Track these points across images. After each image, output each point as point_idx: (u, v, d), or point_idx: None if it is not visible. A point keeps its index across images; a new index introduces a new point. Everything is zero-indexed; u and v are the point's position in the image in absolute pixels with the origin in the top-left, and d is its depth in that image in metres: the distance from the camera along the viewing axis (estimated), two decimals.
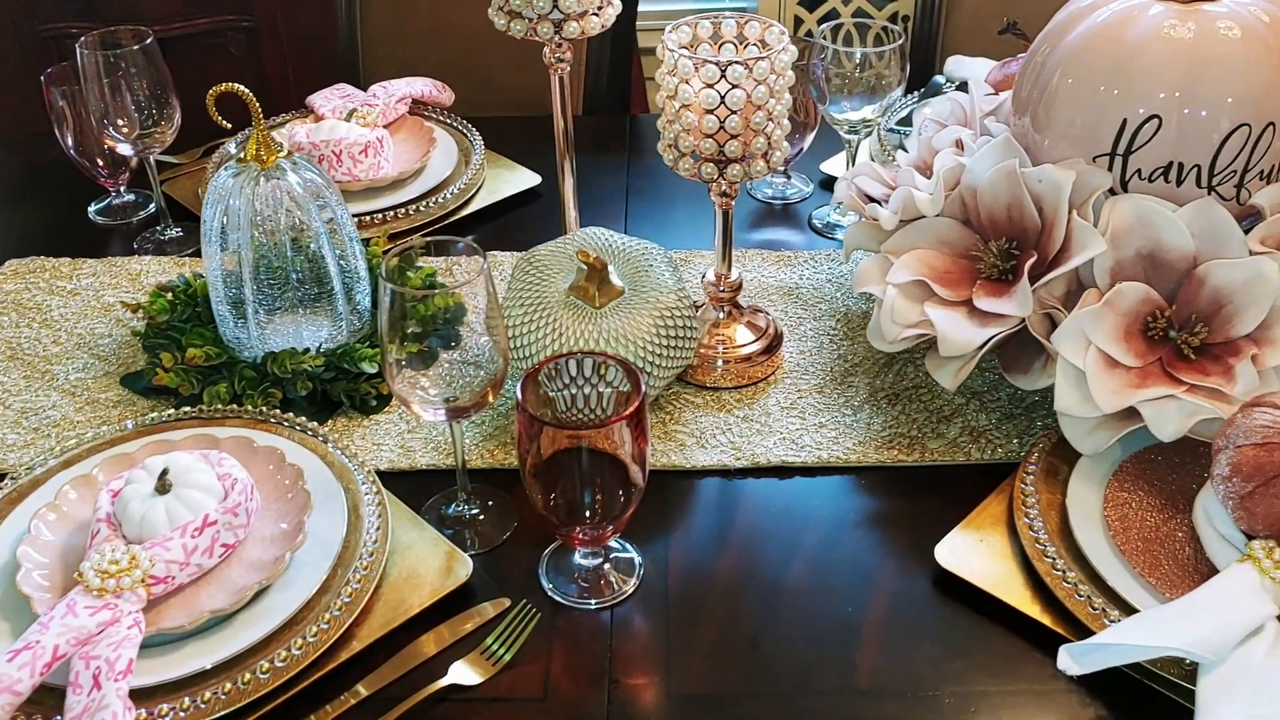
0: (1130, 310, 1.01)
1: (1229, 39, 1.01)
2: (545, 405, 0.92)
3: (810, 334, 1.24)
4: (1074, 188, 1.04)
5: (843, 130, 1.37)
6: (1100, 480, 1.00)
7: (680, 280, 1.12)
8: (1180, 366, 1.00)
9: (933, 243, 1.13)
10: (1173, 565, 0.92)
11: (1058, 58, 1.07)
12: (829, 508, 1.04)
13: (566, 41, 1.11)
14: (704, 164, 1.06)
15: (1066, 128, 1.06)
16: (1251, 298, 0.99)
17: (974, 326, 1.05)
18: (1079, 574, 0.91)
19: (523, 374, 0.89)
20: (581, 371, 0.91)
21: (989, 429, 1.10)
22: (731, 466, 1.08)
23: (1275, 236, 1.02)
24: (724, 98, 1.01)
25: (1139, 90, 1.01)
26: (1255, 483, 0.87)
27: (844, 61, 1.33)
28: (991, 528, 0.98)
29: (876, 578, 0.97)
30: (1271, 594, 0.85)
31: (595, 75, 1.78)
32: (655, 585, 0.97)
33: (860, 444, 1.09)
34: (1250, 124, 1.00)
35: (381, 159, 1.44)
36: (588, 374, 0.91)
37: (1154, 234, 1.02)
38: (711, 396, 1.16)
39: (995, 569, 0.95)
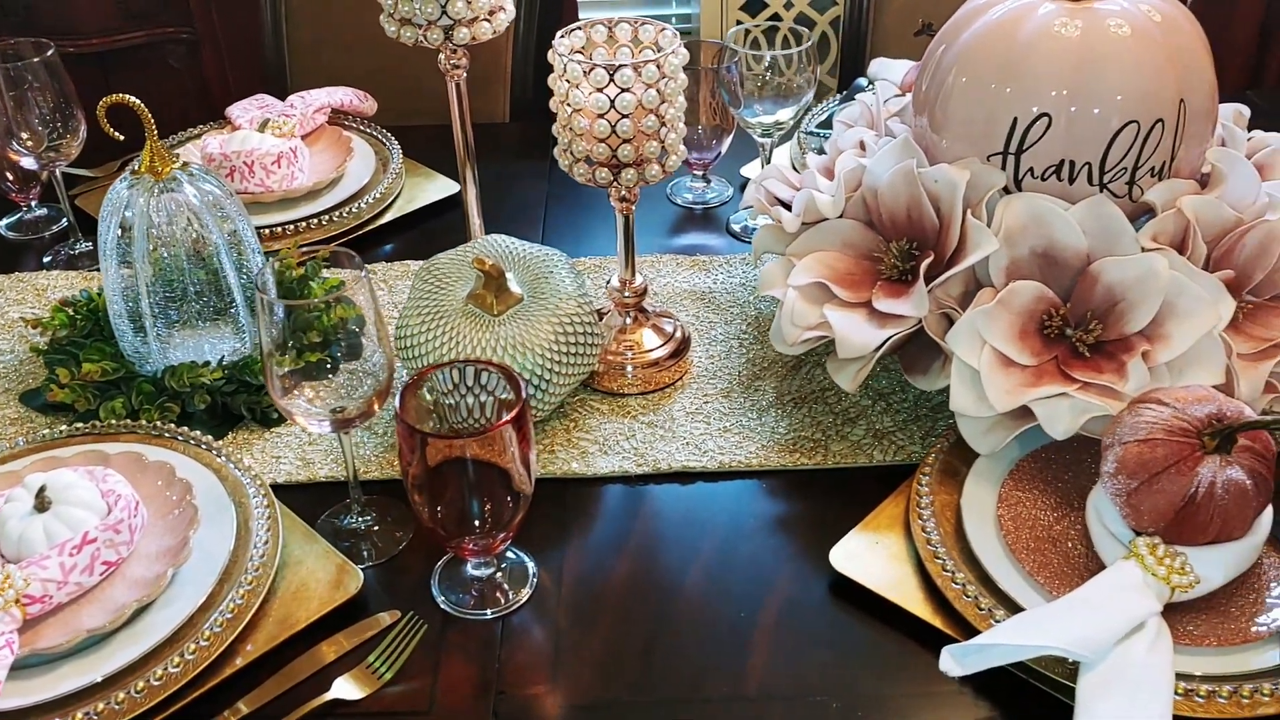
0: (1025, 309, 1.01)
1: (1118, 37, 1.01)
2: (427, 416, 0.91)
3: (721, 338, 1.23)
4: (968, 187, 1.04)
5: (756, 134, 1.37)
6: (997, 479, 1.00)
7: (583, 287, 1.11)
8: (1075, 364, 1.00)
9: (837, 245, 1.12)
10: (1063, 563, 0.92)
11: (952, 56, 1.07)
12: (729, 513, 1.03)
13: (461, 48, 1.11)
14: (598, 169, 1.05)
15: (961, 127, 1.06)
16: (1143, 294, 0.99)
17: (872, 328, 1.05)
18: (968, 574, 0.91)
19: (401, 386, 0.88)
20: (464, 380, 0.90)
21: (893, 430, 1.10)
22: (633, 473, 1.07)
23: (1167, 233, 1.02)
24: (614, 102, 1.00)
25: (1029, 88, 1.01)
26: (1139, 479, 0.87)
27: (754, 65, 1.32)
28: (888, 530, 0.98)
29: (772, 582, 0.96)
30: (1154, 590, 0.85)
31: (520, 82, 1.77)
32: (549, 594, 0.96)
33: (763, 448, 1.09)
34: (1139, 121, 1.00)
35: (296, 169, 1.43)
36: (469, 382, 0.90)
37: (1047, 232, 1.01)
38: (617, 403, 1.15)
39: (890, 571, 0.94)
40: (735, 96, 1.34)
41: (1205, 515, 0.85)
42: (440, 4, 1.05)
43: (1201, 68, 1.03)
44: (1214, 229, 1.02)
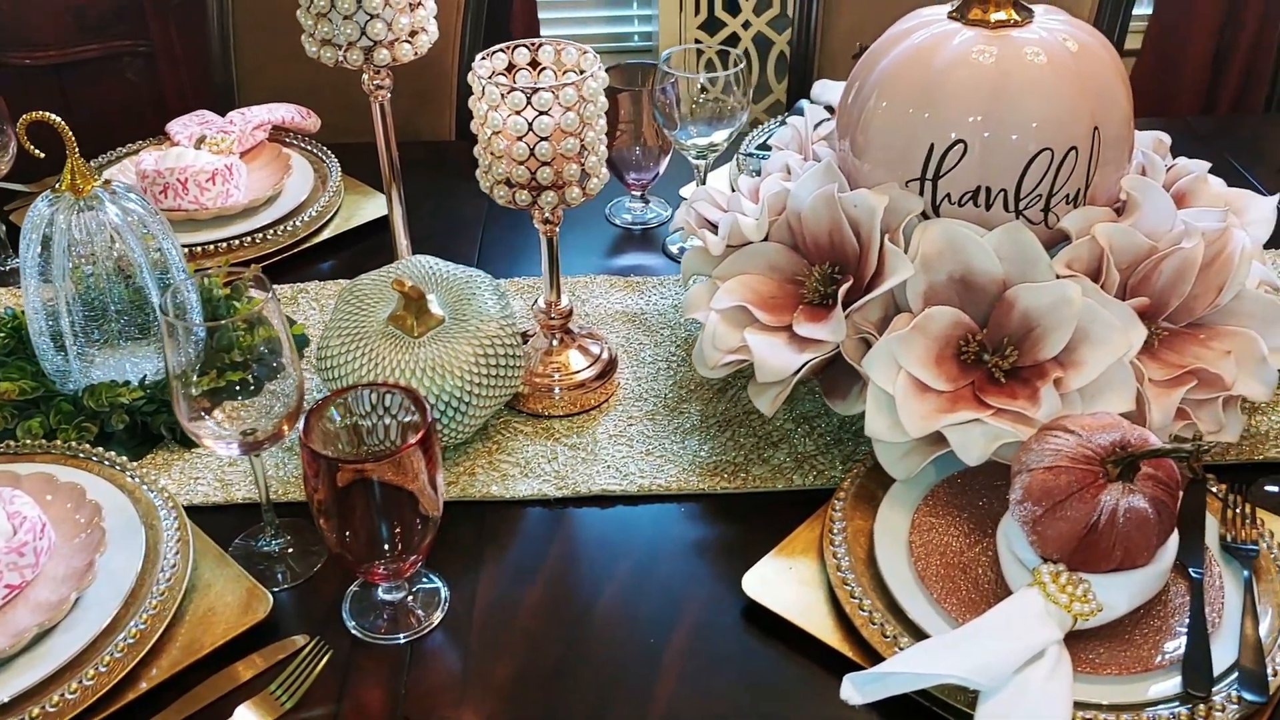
0: (942, 334, 1.02)
1: (1034, 65, 1.01)
2: (334, 439, 0.90)
3: (649, 360, 1.23)
4: (887, 212, 1.04)
5: (691, 156, 1.37)
6: (911, 505, 1.00)
7: (507, 308, 1.11)
8: (990, 390, 1.00)
9: (762, 268, 1.12)
10: (972, 590, 0.92)
11: (873, 81, 1.08)
12: (646, 537, 1.03)
13: (385, 69, 1.10)
14: (518, 191, 1.05)
15: (881, 152, 1.06)
16: (1057, 321, 0.99)
17: (791, 352, 1.05)
18: (875, 601, 0.91)
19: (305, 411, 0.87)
20: (372, 404, 0.90)
21: (814, 454, 1.10)
22: (552, 496, 1.06)
23: (1082, 260, 1.02)
24: (531, 125, 1.00)
25: (945, 115, 1.02)
26: (1044, 506, 0.87)
27: (687, 87, 1.32)
28: (803, 555, 0.98)
29: (685, 607, 0.96)
30: (1055, 619, 0.85)
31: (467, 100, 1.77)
32: (461, 618, 0.95)
33: (684, 471, 1.08)
34: (1053, 148, 1.01)
35: (231, 186, 1.43)
36: (378, 406, 0.90)
37: (964, 258, 1.02)
38: (542, 425, 1.15)
39: (802, 597, 0.94)
40: (669, 118, 1.34)
41: (1107, 543, 0.86)
42: (360, 26, 1.04)
43: (1116, 96, 1.04)
44: (1128, 256, 1.03)
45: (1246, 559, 0.93)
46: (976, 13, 1.06)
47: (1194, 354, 1.03)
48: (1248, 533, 0.95)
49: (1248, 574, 0.92)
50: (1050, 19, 1.07)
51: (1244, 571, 0.92)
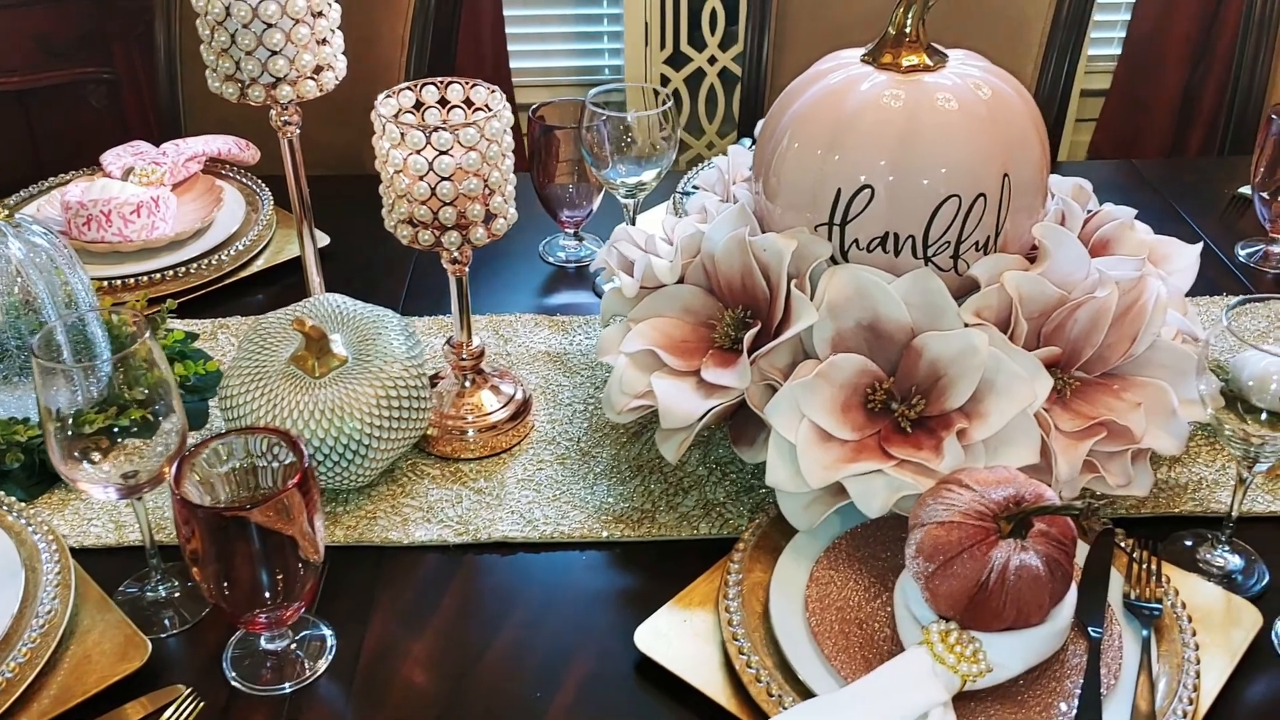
0: (848, 382, 1.00)
1: (943, 110, 1.00)
2: (210, 487, 0.88)
3: (567, 402, 1.21)
4: (795, 257, 1.02)
5: (620, 194, 1.36)
6: (813, 557, 0.98)
7: (415, 349, 1.09)
8: (896, 440, 0.98)
9: (677, 311, 1.10)
10: (866, 647, 0.90)
11: (786, 122, 1.06)
12: (544, 585, 1.01)
13: (292, 105, 1.09)
14: (420, 230, 1.03)
15: (792, 195, 1.05)
16: (963, 370, 0.97)
17: (698, 398, 1.03)
18: (763, 658, 0.89)
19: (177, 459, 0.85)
20: (247, 449, 0.88)
21: (724, 502, 1.08)
22: (451, 542, 1.04)
23: (991, 308, 1.01)
24: (432, 164, 0.99)
25: (852, 159, 1.00)
26: (936, 563, 0.85)
27: (615, 126, 1.31)
28: (700, 607, 0.96)
29: (576, 660, 0.94)
30: (942, 679, 0.83)
31: None
32: (346, 667, 0.93)
33: (590, 518, 1.06)
34: (960, 195, 0.99)
35: (157, 219, 1.41)
36: (252, 451, 0.88)
37: (871, 305, 1.00)
38: (450, 468, 1.12)
39: (696, 651, 0.92)
40: (597, 156, 1.33)
41: (998, 601, 0.83)
42: (261, 62, 1.03)
43: (1029, 143, 1.03)
44: (1039, 305, 1.01)
45: (1148, 618, 0.91)
46: (888, 57, 1.04)
47: (1106, 405, 1.01)
48: (1152, 591, 0.93)
49: (1147, 633, 0.89)
50: (966, 65, 1.06)
51: (1144, 631, 0.90)
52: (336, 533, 1.05)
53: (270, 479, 0.90)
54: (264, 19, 1.00)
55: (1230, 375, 0.96)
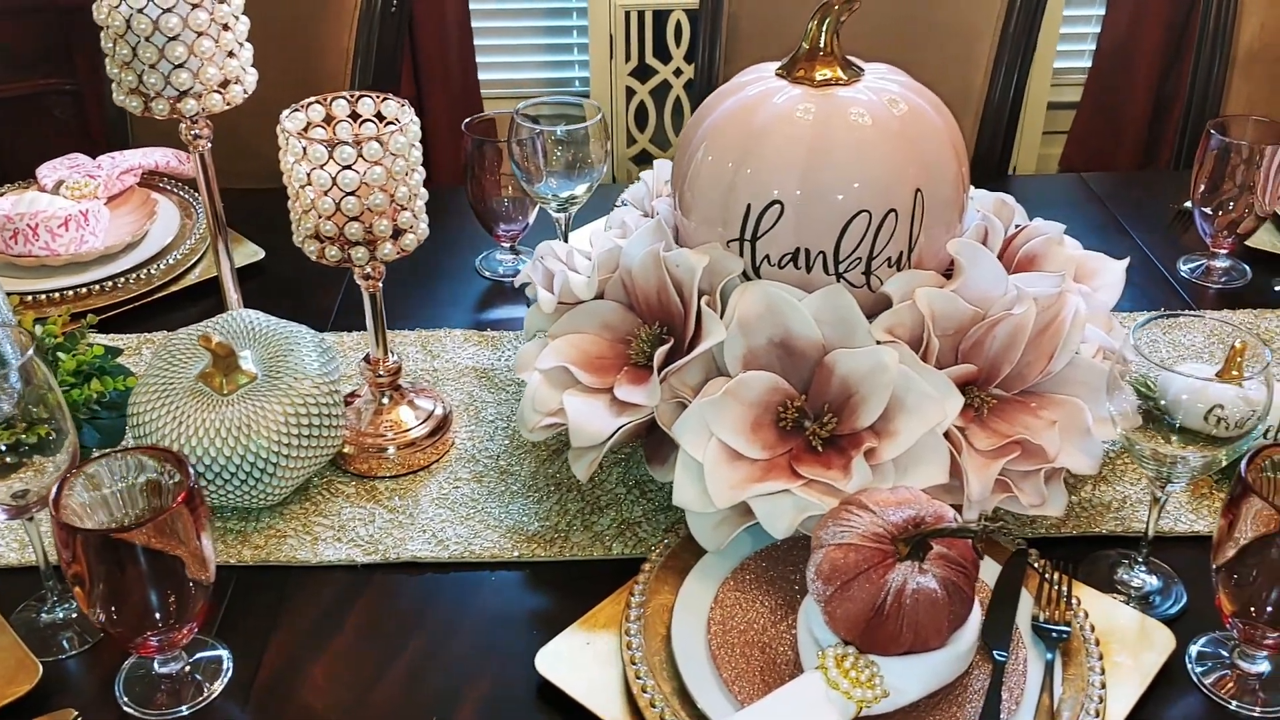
0: (759, 400, 0.98)
1: (854, 125, 0.99)
2: (93, 509, 0.86)
3: (490, 419, 1.20)
4: (708, 272, 1.01)
5: (551, 208, 1.34)
6: (720, 577, 0.96)
7: (329, 365, 1.08)
8: (806, 459, 0.97)
9: (596, 327, 1.09)
10: (767, 671, 0.88)
11: (701, 135, 1.05)
12: (450, 606, 0.99)
13: (201, 119, 1.08)
14: (327, 246, 1.02)
15: (705, 209, 1.04)
16: (873, 388, 0.96)
17: (610, 416, 1.01)
18: (659, 682, 0.87)
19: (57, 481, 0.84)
20: (134, 468, 0.86)
21: (639, 521, 1.06)
22: (359, 562, 1.02)
23: (904, 325, 0.99)
24: (335, 179, 0.97)
25: (762, 174, 0.99)
26: (834, 586, 0.83)
27: (546, 140, 1.30)
28: (604, 629, 0.94)
29: (477, 681, 0.92)
30: (837, 705, 0.81)
31: None
32: (243, 689, 0.91)
33: (502, 537, 1.05)
34: (871, 210, 0.98)
35: (86, 233, 1.39)
36: (141, 470, 0.86)
37: (783, 322, 0.99)
38: (366, 486, 1.11)
39: (597, 675, 0.90)
40: (527, 171, 1.31)
41: (895, 624, 0.82)
42: (164, 76, 1.02)
43: (944, 159, 1.01)
44: (953, 322, 1.00)
45: (1054, 641, 0.89)
46: (802, 70, 1.03)
47: (1023, 423, 1.00)
48: (1061, 613, 0.91)
49: (1051, 656, 0.88)
50: (884, 80, 1.05)
51: (1049, 654, 0.88)
52: (244, 552, 1.03)
53: (167, 498, 0.88)
54: (165, 32, 0.99)
55: (1156, 393, 0.95)
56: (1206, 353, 1.24)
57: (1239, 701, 0.90)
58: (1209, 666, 0.92)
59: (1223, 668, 0.92)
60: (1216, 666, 0.92)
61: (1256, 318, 1.34)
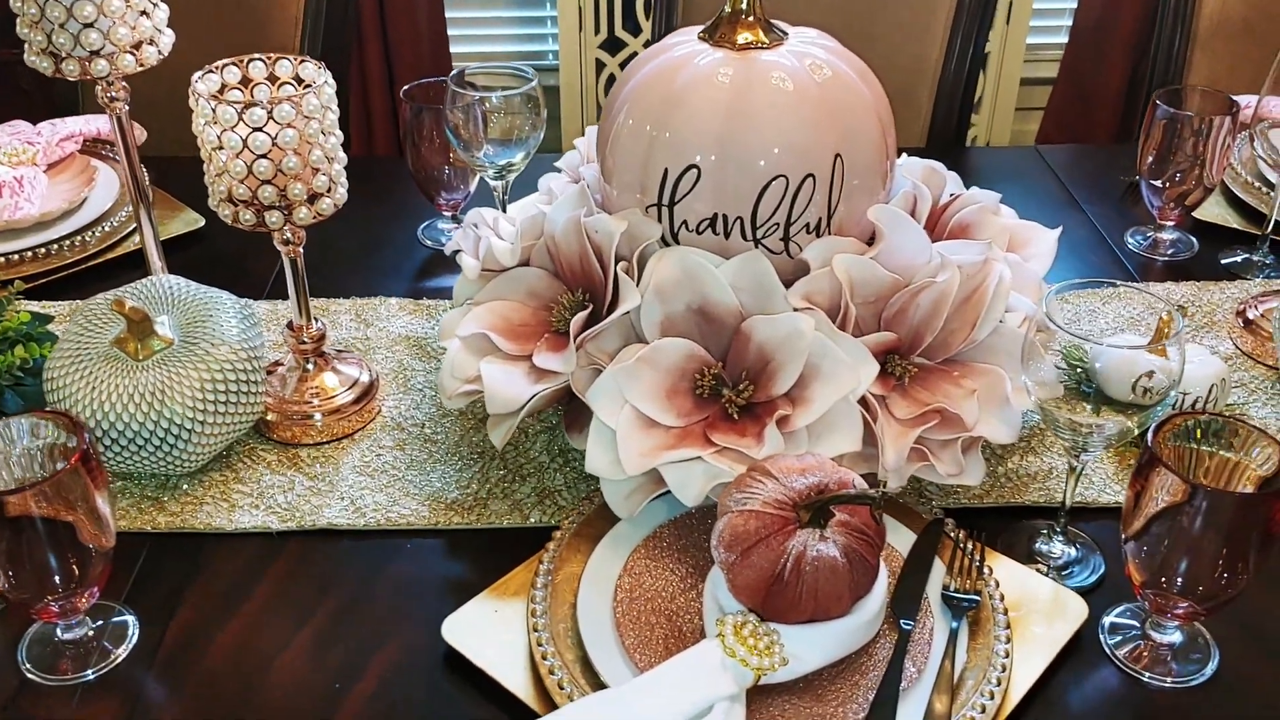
0: (675, 367, 0.97)
1: (775, 89, 0.97)
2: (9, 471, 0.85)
3: (419, 387, 1.19)
4: (626, 238, 1.00)
5: (489, 176, 1.33)
6: (631, 545, 0.95)
7: (250, 332, 1.06)
8: (722, 427, 0.96)
9: (521, 294, 1.08)
10: (673, 640, 0.87)
11: (623, 99, 1.04)
12: (362, 574, 0.98)
13: (117, 81, 1.06)
14: (241, 209, 1.00)
15: (625, 174, 1.02)
16: (789, 355, 0.95)
17: (527, 383, 1.00)
18: (562, 650, 0.86)
19: None
20: (20, 433, 0.85)
21: (560, 490, 1.05)
22: (274, 528, 1.02)
23: (823, 293, 0.98)
24: (246, 141, 0.96)
25: (680, 138, 0.98)
26: (735, 553, 0.83)
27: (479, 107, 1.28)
28: (514, 597, 0.93)
29: (384, 649, 0.91)
30: (733, 673, 0.80)
31: None
32: (148, 656, 0.90)
33: (421, 505, 1.04)
34: (788, 175, 0.96)
35: (21, 199, 1.38)
36: (29, 435, 0.85)
37: (700, 288, 0.97)
38: (288, 454, 1.10)
39: (505, 643, 0.89)
40: (464, 138, 1.30)
41: (794, 592, 0.81)
42: (73, 35, 1.00)
43: (866, 125, 1.00)
44: (873, 289, 0.99)
45: (961, 610, 0.88)
46: (724, 34, 1.02)
47: (944, 392, 0.99)
48: (972, 582, 0.91)
49: (957, 625, 0.87)
50: (810, 45, 1.03)
51: (954, 623, 0.87)
52: (159, 518, 1.02)
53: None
54: None
55: (1087, 364, 0.94)
56: (1144, 324, 1.24)
57: (1151, 673, 0.89)
58: (1122, 637, 0.91)
59: (1135, 639, 0.91)
60: (1130, 637, 0.91)
61: (1200, 290, 1.33)
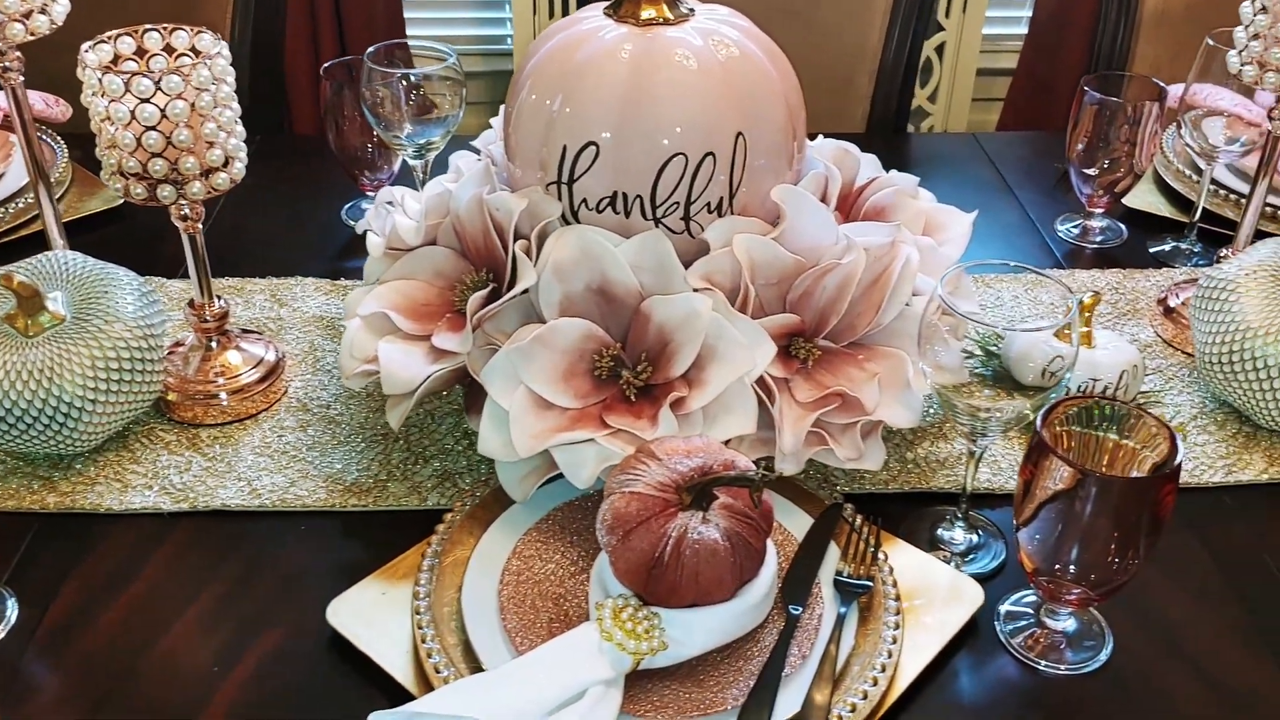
0: (572, 347, 0.95)
1: (675, 66, 0.96)
2: None
3: (328, 367, 1.17)
4: (526, 216, 0.98)
5: (408, 156, 1.31)
6: (524, 528, 0.94)
7: (148, 309, 1.04)
8: (619, 409, 0.94)
9: (429, 274, 1.06)
10: (558, 623, 0.86)
11: (526, 73, 1.02)
12: (252, 556, 0.96)
13: (11, 50, 1.04)
14: (132, 183, 0.98)
15: (527, 152, 1.00)
16: (687, 336, 0.93)
17: (425, 364, 0.99)
18: (445, 634, 0.85)
19: None
20: None
21: (462, 472, 1.04)
22: (166, 510, 1.00)
23: (724, 273, 0.97)
24: (134, 112, 0.94)
25: (579, 114, 0.96)
26: (617, 535, 0.81)
27: (397, 85, 1.26)
28: (403, 580, 0.91)
29: (267, 633, 0.89)
30: (609, 657, 0.79)
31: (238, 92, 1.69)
32: (25, 636, 0.88)
33: (319, 487, 1.02)
34: (687, 154, 0.95)
35: None
36: None
37: (600, 267, 0.96)
38: (188, 434, 1.08)
39: (390, 626, 0.88)
40: (380, 117, 1.28)
41: (675, 575, 0.80)
42: None
43: (771, 105, 0.98)
44: (775, 270, 0.97)
45: (852, 595, 0.87)
46: (629, 8, 1.00)
47: (847, 375, 0.97)
48: (866, 568, 0.89)
49: (844, 610, 0.86)
50: (718, 22, 1.01)
51: (842, 608, 0.86)
52: (48, 499, 1.00)
53: None
54: None
55: (1001, 350, 0.92)
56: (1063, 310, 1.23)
57: (1045, 660, 0.88)
58: (1017, 625, 0.90)
59: (1030, 626, 0.90)
60: (1025, 625, 0.90)
61: (1125, 277, 1.32)
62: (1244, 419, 1.10)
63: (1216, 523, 1.01)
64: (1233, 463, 1.06)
